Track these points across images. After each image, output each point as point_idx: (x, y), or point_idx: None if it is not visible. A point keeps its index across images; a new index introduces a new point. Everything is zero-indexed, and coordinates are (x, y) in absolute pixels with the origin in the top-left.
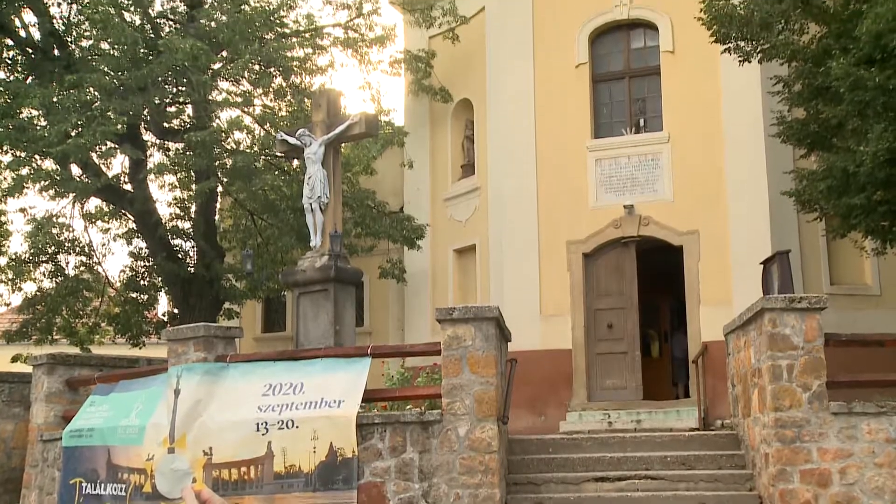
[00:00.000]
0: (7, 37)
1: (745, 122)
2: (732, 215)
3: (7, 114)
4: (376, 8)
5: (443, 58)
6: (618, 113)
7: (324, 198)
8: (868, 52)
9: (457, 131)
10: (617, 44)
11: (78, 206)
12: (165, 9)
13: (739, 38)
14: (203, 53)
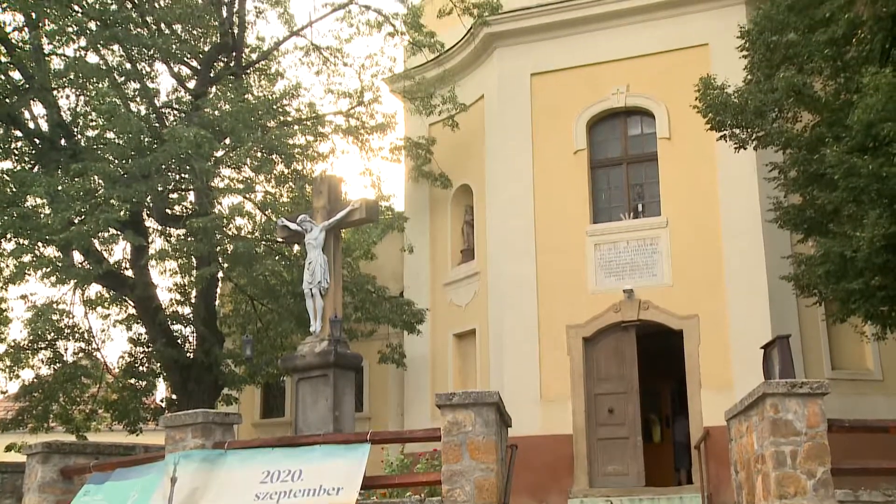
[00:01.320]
0: (16, 128)
1: (743, 207)
2: (732, 299)
3: (12, 202)
4: (377, 96)
5: (443, 144)
6: (616, 198)
7: (324, 283)
8: (860, 140)
9: (456, 217)
10: (614, 130)
11: (79, 292)
12: (171, 99)
13: (734, 126)
14: (206, 141)
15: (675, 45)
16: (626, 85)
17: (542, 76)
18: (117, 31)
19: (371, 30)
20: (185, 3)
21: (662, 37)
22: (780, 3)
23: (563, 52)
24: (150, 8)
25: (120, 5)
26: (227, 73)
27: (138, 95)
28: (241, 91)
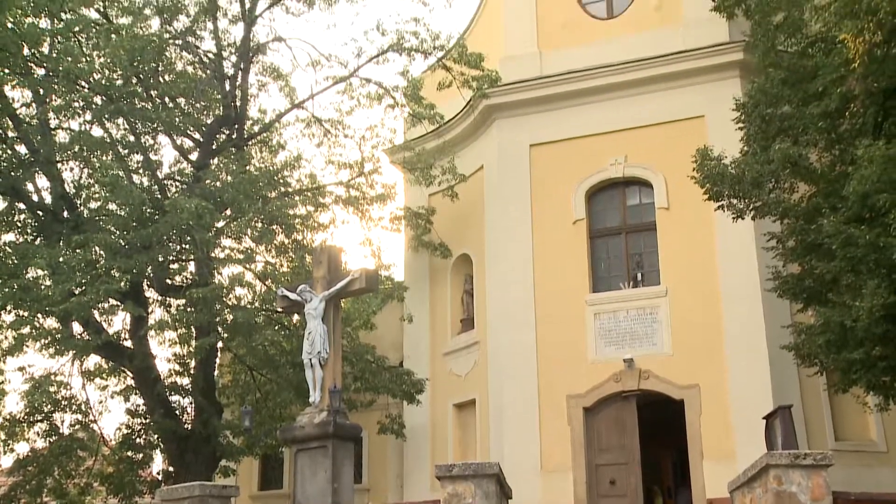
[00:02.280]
0: (20, 201)
1: (742, 276)
2: (732, 369)
3: (13, 274)
4: (377, 167)
5: (442, 214)
6: (615, 267)
7: (324, 353)
8: (857, 210)
9: (456, 286)
10: (613, 200)
11: (77, 363)
12: (173, 170)
13: (732, 196)
14: (207, 212)
15: (672, 117)
16: (625, 155)
17: (541, 147)
18: (122, 105)
19: (371, 102)
20: (189, 78)
21: (659, 109)
22: (774, 76)
23: (561, 124)
24: (154, 82)
25: (126, 80)
26: (229, 144)
27: (141, 167)
28: (242, 162)
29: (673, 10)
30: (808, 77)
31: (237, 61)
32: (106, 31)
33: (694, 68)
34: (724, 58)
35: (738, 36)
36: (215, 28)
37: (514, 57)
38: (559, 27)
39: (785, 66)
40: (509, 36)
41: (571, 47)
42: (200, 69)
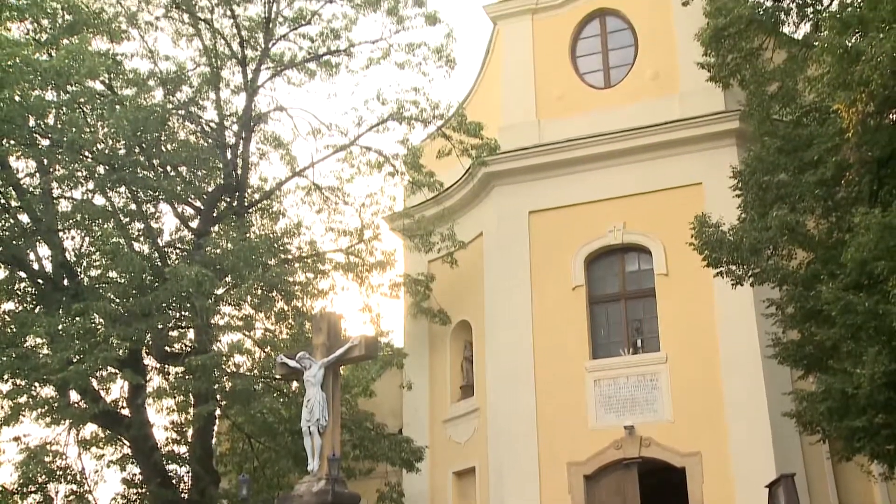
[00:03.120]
0: (21, 269)
1: (742, 342)
2: (734, 436)
3: (12, 343)
4: (377, 234)
5: (442, 281)
6: (615, 334)
7: (322, 421)
8: (855, 277)
9: (456, 353)
10: (612, 267)
11: (73, 432)
12: (173, 238)
13: (731, 263)
14: (207, 280)
15: (670, 184)
16: (623, 222)
17: (540, 214)
18: (125, 174)
19: (371, 170)
20: (191, 147)
21: (657, 176)
22: (770, 145)
23: (560, 191)
24: (157, 151)
25: (128, 150)
26: (229, 212)
27: (142, 235)
28: (242, 230)
29: (669, 80)
30: (803, 146)
31: (239, 130)
32: (110, 102)
33: (691, 136)
34: (720, 126)
35: (734, 105)
36: (218, 98)
37: (513, 125)
38: (557, 97)
39: (780, 134)
40: (508, 105)
41: (569, 116)
42: (202, 138)
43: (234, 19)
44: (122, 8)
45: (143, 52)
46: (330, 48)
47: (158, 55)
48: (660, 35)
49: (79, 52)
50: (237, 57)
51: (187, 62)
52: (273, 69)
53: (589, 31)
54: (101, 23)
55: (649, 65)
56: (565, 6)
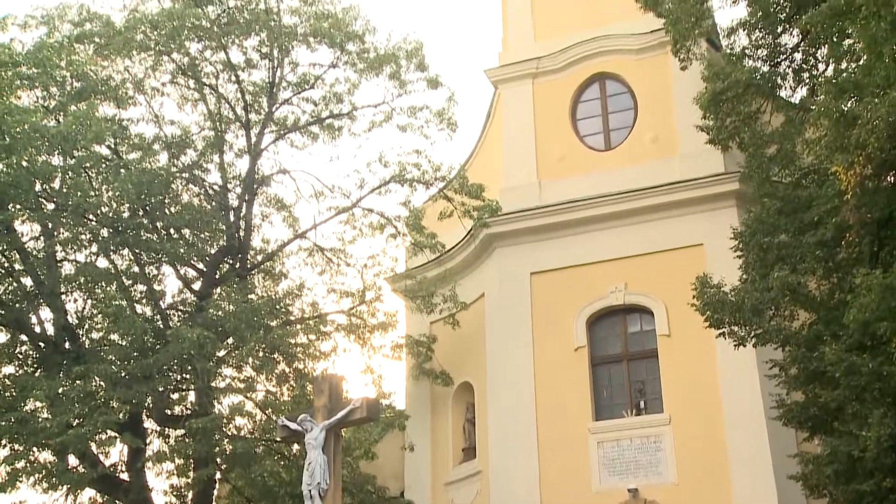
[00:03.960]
0: (22, 333)
1: (746, 404)
2: (739, 500)
3: (11, 407)
4: (379, 296)
5: (443, 342)
6: (618, 395)
7: (323, 484)
8: (858, 339)
9: (458, 414)
10: (614, 328)
11: (71, 497)
12: (176, 300)
13: (733, 324)
14: (209, 342)
15: (671, 245)
16: (625, 283)
17: (542, 275)
18: (128, 236)
19: (374, 231)
20: (194, 209)
21: (658, 237)
22: (770, 206)
23: (561, 252)
24: (160, 214)
25: (132, 213)
26: (232, 274)
27: (144, 298)
28: (245, 292)
29: (668, 142)
30: (803, 207)
31: (242, 193)
32: (116, 165)
33: (691, 198)
34: (720, 188)
35: (734, 167)
36: (221, 161)
37: (514, 187)
38: (558, 159)
39: (780, 196)
40: (509, 166)
41: (570, 178)
42: (206, 201)
43: (238, 84)
44: (129, 75)
45: (149, 117)
46: (333, 112)
47: (164, 120)
48: (659, 98)
49: (86, 117)
50: (241, 121)
51: (192, 126)
52: (276, 132)
53: (589, 95)
54: (108, 89)
55: (649, 127)
56: (565, 71)
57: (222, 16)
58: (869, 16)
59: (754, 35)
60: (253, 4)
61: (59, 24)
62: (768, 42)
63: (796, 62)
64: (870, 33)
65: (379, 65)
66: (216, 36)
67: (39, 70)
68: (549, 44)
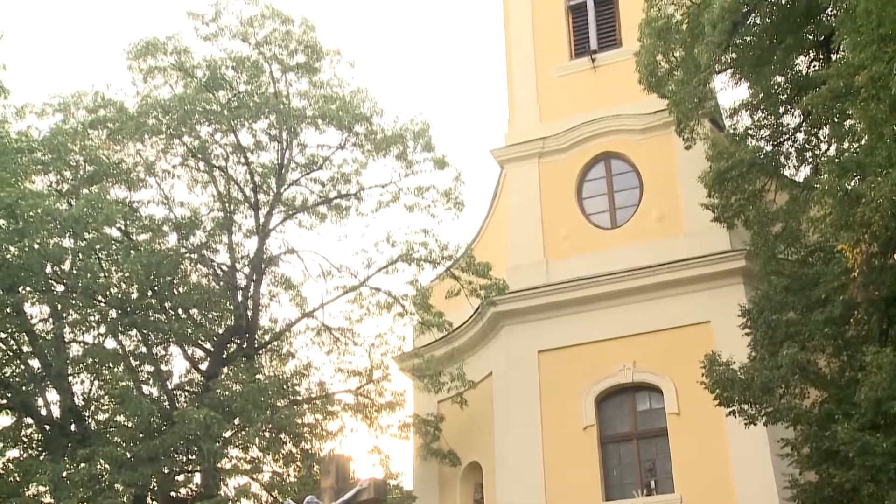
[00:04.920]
0: (28, 415)
1: (758, 483)
2: None
3: (14, 492)
4: (386, 375)
5: (451, 421)
6: (628, 474)
7: None
8: (870, 417)
9: (466, 495)
10: (623, 406)
11: None
12: (183, 381)
13: (743, 402)
14: (216, 422)
15: (679, 323)
16: (633, 361)
17: (549, 353)
18: (136, 317)
19: (381, 310)
20: (202, 290)
21: (665, 315)
22: (777, 284)
23: (569, 330)
24: (169, 295)
25: (141, 294)
26: (239, 354)
27: (151, 378)
28: (252, 372)
29: (674, 220)
30: (810, 284)
31: (250, 273)
32: (126, 247)
33: (697, 275)
34: (726, 265)
35: (740, 244)
36: (230, 242)
37: (521, 265)
38: (564, 237)
39: (787, 273)
40: (516, 245)
41: (577, 256)
42: (214, 281)
43: (248, 166)
44: (141, 158)
45: (160, 199)
46: (340, 192)
47: (174, 201)
48: (664, 177)
49: (97, 200)
50: (250, 202)
51: (201, 207)
52: (285, 213)
53: (594, 174)
54: (120, 172)
55: (654, 205)
56: (571, 150)
57: (232, 100)
58: (868, 98)
59: (757, 115)
60: (263, 88)
61: (75, 111)
62: (771, 122)
63: (799, 142)
64: (870, 115)
65: (386, 146)
66: (226, 119)
67: (54, 155)
68: (554, 124)
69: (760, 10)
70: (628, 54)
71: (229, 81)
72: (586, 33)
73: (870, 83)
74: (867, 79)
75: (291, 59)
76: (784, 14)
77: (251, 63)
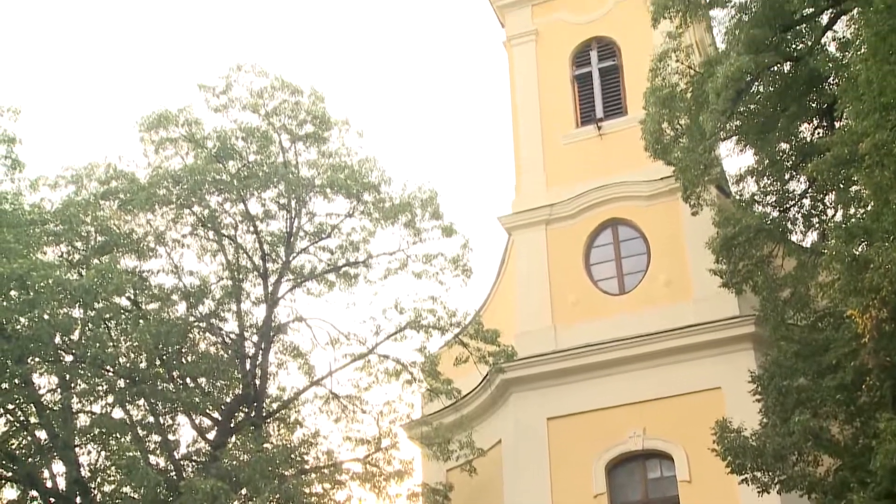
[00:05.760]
0: (33, 488)
1: None
2: None
3: None
4: (395, 443)
5: (460, 490)
6: None
7: None
8: (886, 486)
9: None
10: (634, 474)
11: None
12: (190, 450)
13: (755, 469)
14: (223, 493)
15: (689, 389)
16: (643, 428)
17: (559, 420)
18: (144, 387)
19: (389, 378)
20: (210, 358)
21: (675, 381)
22: (787, 349)
23: (578, 397)
24: (177, 363)
25: (149, 363)
26: (247, 422)
27: (158, 448)
28: (259, 441)
29: (682, 286)
30: (820, 350)
31: (258, 341)
32: (135, 316)
33: (707, 341)
34: (736, 331)
35: (748, 310)
36: (239, 310)
37: (529, 332)
38: (572, 303)
39: (797, 339)
40: (523, 311)
41: (585, 322)
42: (222, 349)
43: (257, 235)
44: (151, 228)
45: (169, 268)
46: (349, 260)
47: (183, 270)
48: (671, 243)
49: (108, 270)
50: (259, 270)
51: (210, 276)
52: (293, 281)
53: (602, 240)
54: (130, 242)
55: (662, 271)
56: (578, 217)
57: (242, 169)
58: (873, 165)
59: (762, 182)
60: (272, 158)
61: (87, 183)
62: (777, 188)
63: (805, 207)
64: (875, 181)
65: (394, 214)
66: (236, 188)
67: (66, 226)
68: (561, 191)
69: (764, 79)
70: (634, 122)
71: (239, 151)
72: (592, 102)
73: (874, 150)
74: (871, 146)
75: (301, 129)
76: (787, 82)
77: (261, 133)
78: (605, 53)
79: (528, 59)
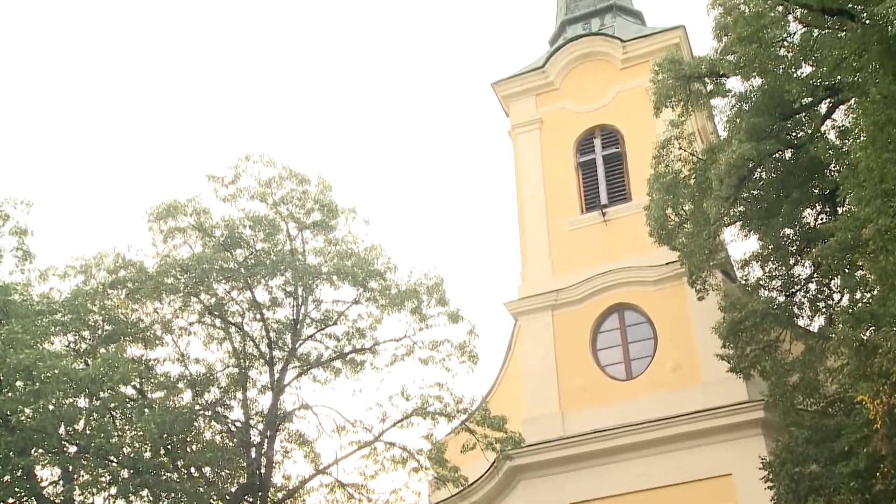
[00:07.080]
0: None
1: None
2: None
3: None
4: None
5: None
6: None
7: None
8: None
9: None
10: None
11: None
12: None
13: None
14: None
15: (699, 475)
16: None
17: None
18: (148, 477)
19: (396, 465)
20: (215, 447)
21: (685, 467)
22: (798, 435)
23: (587, 483)
24: (182, 453)
25: (154, 452)
26: None
27: None
28: None
29: (690, 370)
30: (832, 436)
31: (264, 429)
32: (140, 405)
33: (716, 427)
34: (745, 416)
35: (757, 395)
36: (244, 398)
37: (537, 418)
38: (579, 388)
39: (807, 424)
40: (531, 397)
41: (593, 408)
42: (228, 438)
43: (263, 322)
44: (158, 316)
45: (175, 356)
46: (355, 347)
47: (189, 358)
48: (678, 327)
49: (114, 359)
50: (265, 357)
51: (216, 364)
52: (299, 368)
53: (608, 325)
54: (137, 331)
55: (669, 356)
56: (584, 302)
57: (249, 258)
58: (877, 250)
59: (768, 266)
60: (279, 246)
61: (96, 272)
62: (782, 273)
63: (811, 292)
64: (880, 267)
65: (401, 301)
66: (243, 277)
67: (73, 316)
68: (566, 276)
69: (766, 166)
70: (638, 208)
71: (246, 240)
72: (596, 188)
73: (877, 236)
74: (874, 232)
75: (308, 217)
76: (789, 169)
77: (268, 222)
78: (608, 141)
79: (532, 146)
